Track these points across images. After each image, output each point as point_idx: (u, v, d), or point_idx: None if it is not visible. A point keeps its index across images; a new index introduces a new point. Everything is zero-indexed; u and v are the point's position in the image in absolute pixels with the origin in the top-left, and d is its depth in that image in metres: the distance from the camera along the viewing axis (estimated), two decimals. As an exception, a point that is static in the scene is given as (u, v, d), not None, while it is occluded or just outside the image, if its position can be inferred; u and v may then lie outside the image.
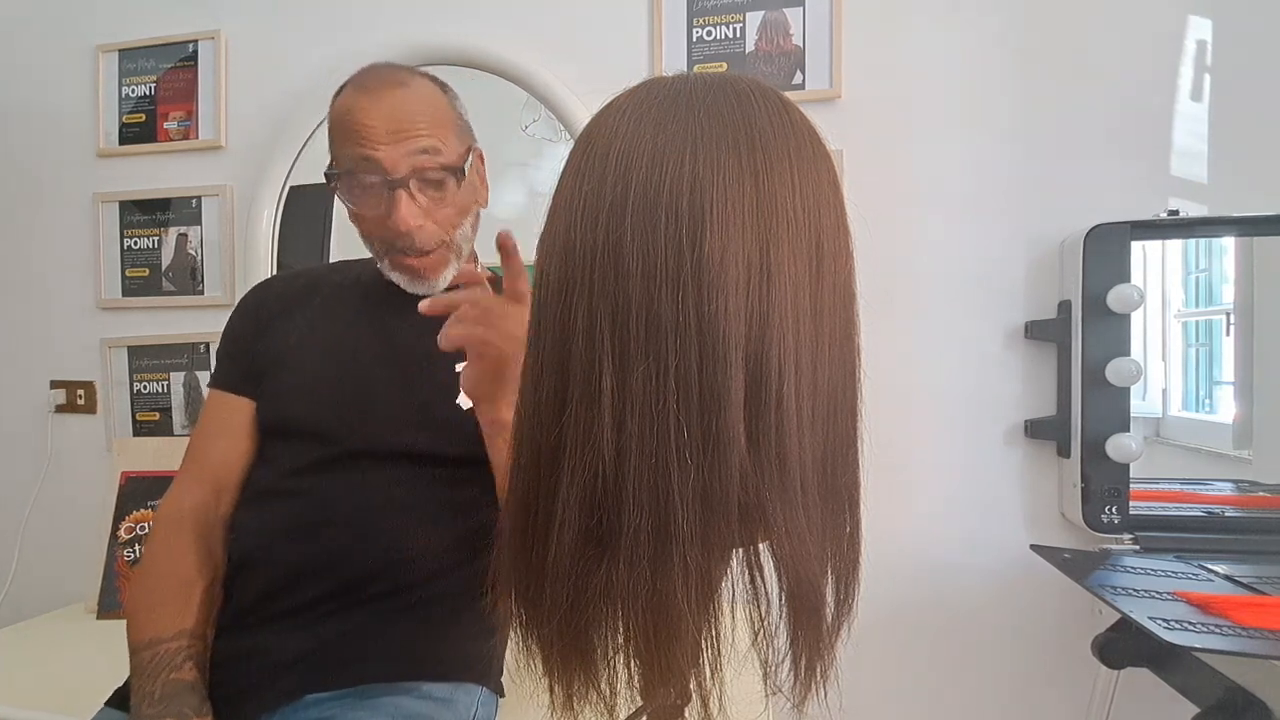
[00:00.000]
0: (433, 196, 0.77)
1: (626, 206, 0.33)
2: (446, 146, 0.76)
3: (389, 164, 0.74)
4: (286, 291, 0.89)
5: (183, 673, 0.68)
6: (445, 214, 0.78)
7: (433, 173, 0.76)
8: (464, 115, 0.83)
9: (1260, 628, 0.71)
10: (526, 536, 0.37)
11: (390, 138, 0.74)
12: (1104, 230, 1.04)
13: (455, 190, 0.78)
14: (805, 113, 0.38)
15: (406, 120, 0.74)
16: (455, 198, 0.78)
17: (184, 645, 0.70)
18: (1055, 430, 1.12)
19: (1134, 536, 1.03)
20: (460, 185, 0.78)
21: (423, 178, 0.75)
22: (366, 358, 0.81)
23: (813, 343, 0.35)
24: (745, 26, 1.23)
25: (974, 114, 1.17)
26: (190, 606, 0.73)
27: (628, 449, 0.33)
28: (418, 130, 0.74)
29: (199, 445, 0.83)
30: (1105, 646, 0.93)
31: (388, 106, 0.74)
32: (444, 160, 0.76)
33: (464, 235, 0.81)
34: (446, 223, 0.78)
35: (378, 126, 0.74)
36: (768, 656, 0.37)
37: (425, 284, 0.80)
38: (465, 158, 0.79)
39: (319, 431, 0.77)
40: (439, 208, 0.77)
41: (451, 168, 0.77)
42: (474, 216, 0.83)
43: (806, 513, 0.35)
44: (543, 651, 0.38)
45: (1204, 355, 1.11)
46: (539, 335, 0.36)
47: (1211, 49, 1.10)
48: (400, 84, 0.76)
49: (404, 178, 0.74)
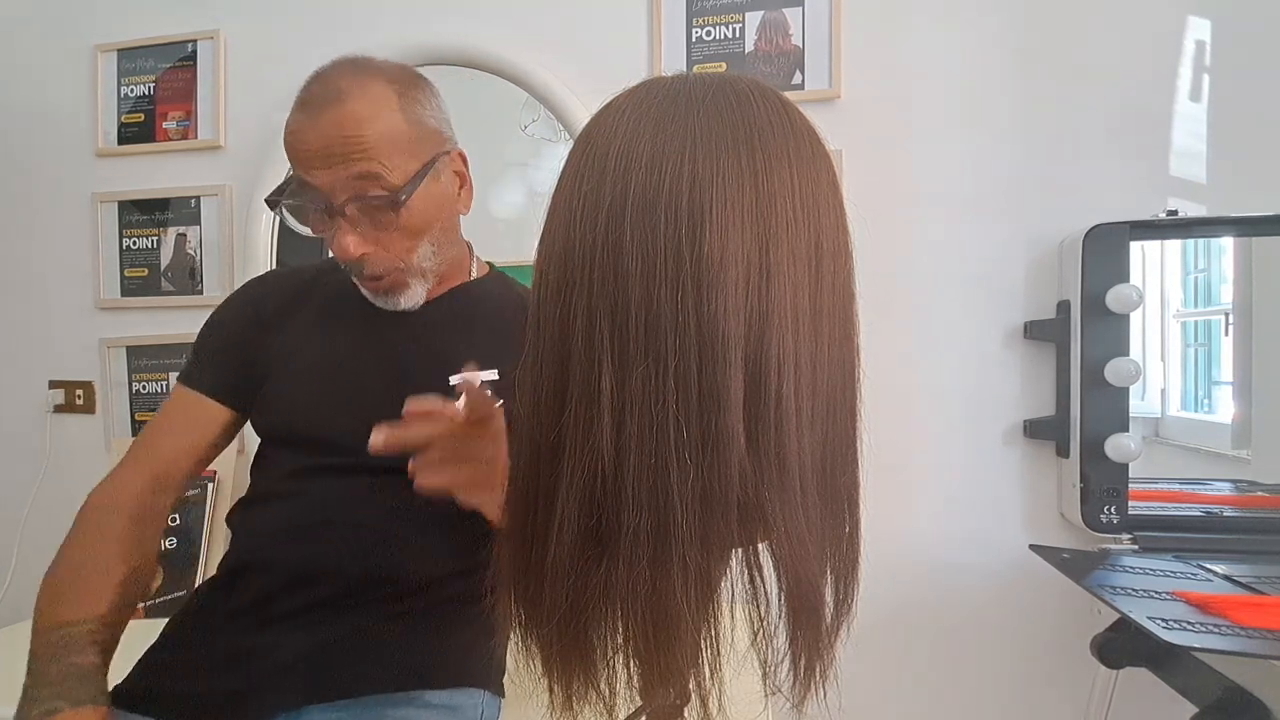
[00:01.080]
0: (377, 221, 0.71)
1: (626, 206, 0.33)
2: (391, 167, 0.69)
3: (326, 189, 0.69)
4: (281, 291, 0.84)
5: (85, 657, 0.65)
6: (394, 240, 0.72)
7: (374, 199, 0.69)
8: (431, 118, 0.75)
9: (1259, 627, 0.71)
10: (526, 536, 0.37)
11: (325, 161, 0.68)
12: (1103, 230, 1.04)
13: (408, 214, 0.71)
14: (805, 113, 0.38)
15: (342, 142, 0.67)
16: (407, 220, 0.71)
17: (91, 630, 0.67)
18: (1054, 430, 1.12)
19: (1133, 536, 1.03)
20: (411, 208, 0.71)
21: (363, 204, 0.69)
22: (366, 364, 0.78)
23: (812, 342, 0.35)
24: (745, 26, 1.23)
25: (973, 114, 1.17)
26: (105, 593, 0.69)
27: (627, 449, 0.33)
28: (354, 152, 0.67)
29: (151, 437, 0.79)
30: (1104, 646, 0.93)
31: (325, 126, 0.67)
32: (387, 184, 0.69)
33: (425, 257, 0.75)
34: (397, 249, 0.73)
35: (314, 149, 0.68)
36: (767, 656, 0.37)
37: (391, 300, 0.77)
38: (418, 174, 0.71)
39: (320, 439, 0.75)
40: (385, 233, 0.71)
41: (395, 192, 0.69)
42: (444, 231, 0.77)
43: (806, 512, 0.35)
44: (542, 651, 0.38)
45: (1203, 355, 1.11)
46: (538, 335, 0.36)
47: (1210, 49, 1.10)
48: (339, 99, 0.68)
49: (341, 204, 0.69)
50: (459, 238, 0.83)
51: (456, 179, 0.78)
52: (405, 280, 0.75)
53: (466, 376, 0.60)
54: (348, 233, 0.70)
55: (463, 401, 0.59)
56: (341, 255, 0.71)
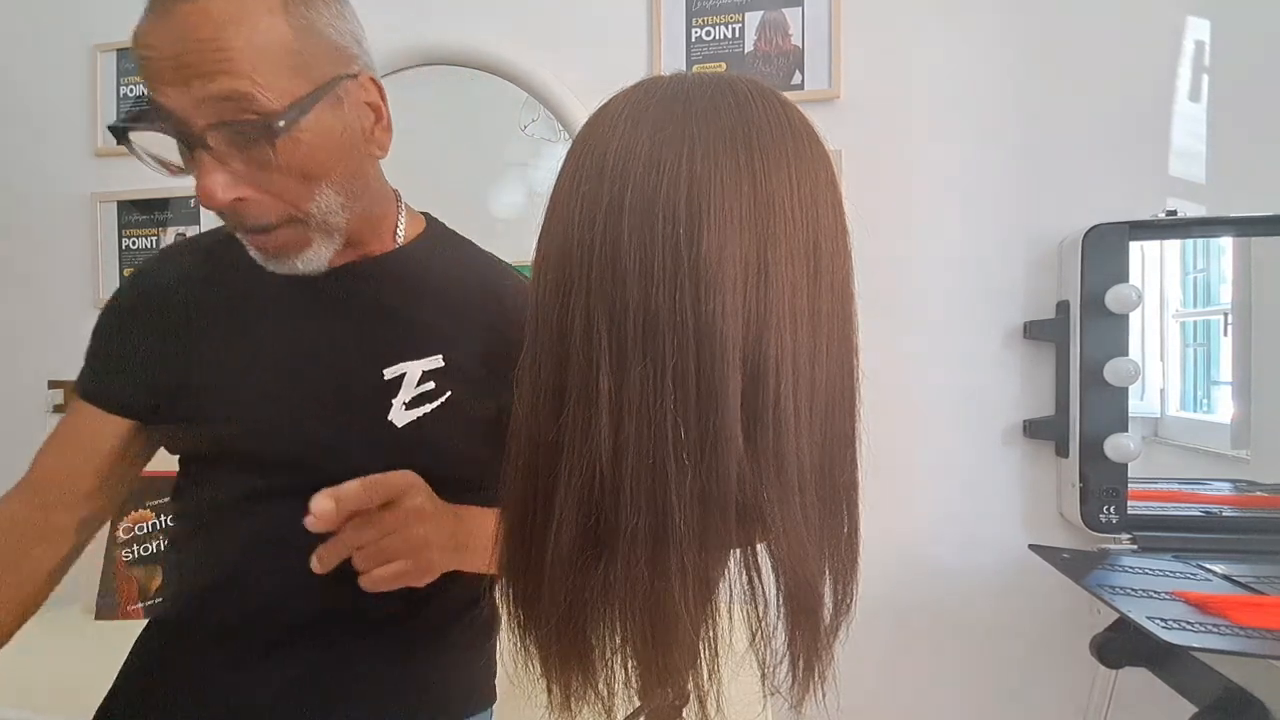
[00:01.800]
0: (251, 158, 0.55)
1: (623, 207, 0.33)
2: (267, 85, 0.53)
3: (181, 112, 0.53)
4: (176, 274, 0.69)
5: None
6: (280, 183, 0.56)
7: (242, 126, 0.53)
8: (331, 29, 0.58)
9: (1258, 627, 0.71)
10: (524, 537, 0.37)
11: (179, 75, 0.52)
12: (1102, 230, 1.04)
13: (293, 148, 0.55)
14: (804, 113, 0.38)
15: (198, 49, 0.51)
16: (292, 158, 0.55)
17: None
18: (1054, 430, 1.12)
19: (1132, 536, 1.03)
20: (297, 142, 0.55)
21: (229, 132, 0.53)
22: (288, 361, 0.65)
23: (810, 343, 0.34)
24: (744, 27, 1.23)
25: (973, 114, 1.17)
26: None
27: (625, 449, 0.33)
28: (215, 64, 0.51)
29: (42, 459, 0.70)
30: (1104, 646, 0.93)
31: (177, 28, 0.51)
32: (260, 107, 0.53)
33: (329, 208, 0.59)
34: (286, 193, 0.57)
35: (163, 58, 0.52)
36: (765, 657, 0.37)
37: (286, 262, 0.61)
38: (306, 99, 0.55)
39: (260, 458, 0.64)
40: (264, 173, 0.55)
41: (270, 117, 0.53)
42: (352, 177, 0.61)
43: (804, 513, 0.35)
44: (540, 652, 0.38)
45: (1202, 355, 1.11)
46: (536, 336, 0.36)
47: (1210, 49, 1.10)
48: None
49: (200, 132, 0.53)
50: (382, 188, 0.68)
51: (369, 113, 0.62)
52: (306, 236, 0.60)
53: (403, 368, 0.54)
54: (211, 170, 0.54)
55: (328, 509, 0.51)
56: (206, 201, 0.54)
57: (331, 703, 0.63)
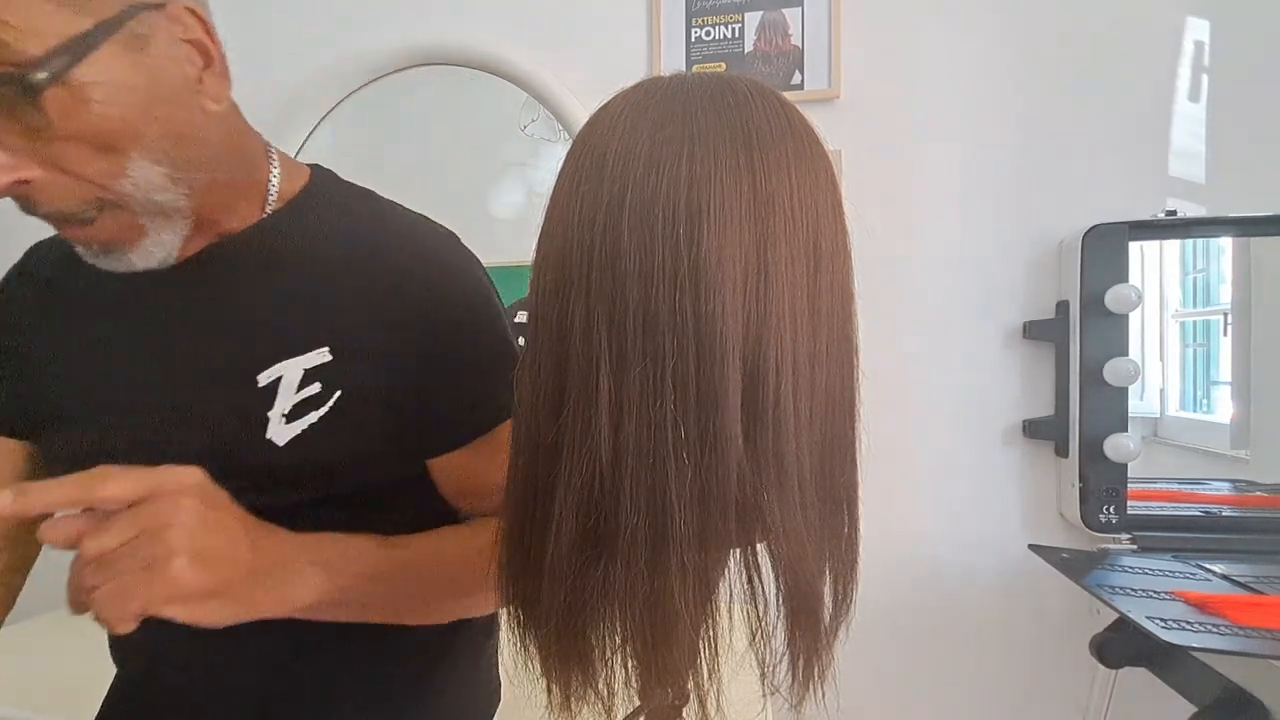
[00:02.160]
0: (18, 126, 0.41)
1: (623, 207, 0.33)
2: (21, 26, 0.39)
3: None
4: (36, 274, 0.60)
5: None
6: (70, 154, 0.43)
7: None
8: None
9: (1258, 627, 0.71)
10: (524, 537, 0.37)
11: None
12: (1102, 230, 1.04)
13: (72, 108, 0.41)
14: (804, 113, 0.38)
15: None
16: (76, 122, 0.42)
17: None
18: (1053, 430, 1.12)
19: (1132, 536, 1.03)
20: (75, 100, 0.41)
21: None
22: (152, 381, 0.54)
23: (810, 343, 0.35)
24: (744, 27, 1.23)
25: (973, 114, 1.17)
26: None
27: (625, 449, 0.33)
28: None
29: None
30: (1103, 646, 0.93)
31: None
32: (13, 56, 0.39)
33: (151, 185, 0.46)
34: (83, 169, 0.43)
35: None
36: (765, 657, 0.37)
37: (120, 259, 0.49)
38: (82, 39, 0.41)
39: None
40: (48, 145, 0.42)
41: (24, 68, 0.39)
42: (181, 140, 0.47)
43: (804, 513, 0.35)
44: (540, 652, 0.38)
45: (1201, 355, 1.11)
46: (536, 336, 0.36)
47: (1209, 49, 1.10)
48: None
49: None
50: (238, 148, 0.54)
51: (194, 54, 0.48)
52: (135, 224, 0.47)
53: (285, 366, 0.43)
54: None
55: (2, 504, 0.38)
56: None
57: (328, 703, 0.60)
